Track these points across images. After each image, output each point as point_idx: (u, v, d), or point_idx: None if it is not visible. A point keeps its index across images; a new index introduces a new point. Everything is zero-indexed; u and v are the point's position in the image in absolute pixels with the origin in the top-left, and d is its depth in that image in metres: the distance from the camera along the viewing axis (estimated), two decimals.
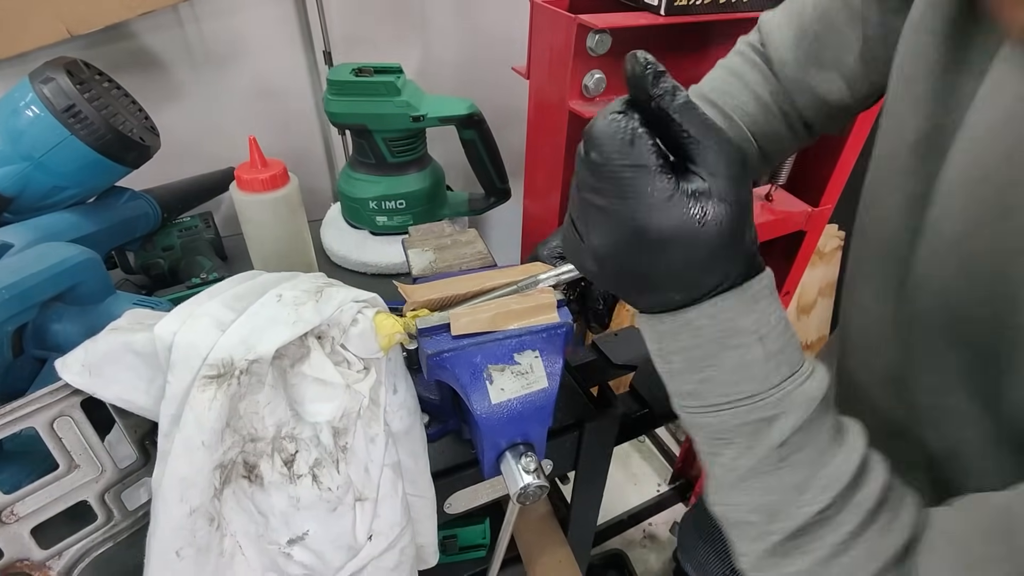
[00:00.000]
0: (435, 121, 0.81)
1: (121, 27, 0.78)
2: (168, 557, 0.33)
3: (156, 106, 0.68)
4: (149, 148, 0.63)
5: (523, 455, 0.42)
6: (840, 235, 1.73)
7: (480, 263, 0.55)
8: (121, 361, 0.36)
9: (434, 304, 0.43)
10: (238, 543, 0.36)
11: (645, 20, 0.65)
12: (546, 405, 0.41)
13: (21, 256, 0.47)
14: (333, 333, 0.38)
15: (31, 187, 0.58)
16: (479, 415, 0.39)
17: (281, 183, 0.67)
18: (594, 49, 0.64)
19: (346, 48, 0.96)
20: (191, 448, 0.32)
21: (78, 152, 0.57)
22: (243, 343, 0.34)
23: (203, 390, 0.33)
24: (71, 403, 0.37)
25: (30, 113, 0.55)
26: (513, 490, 0.41)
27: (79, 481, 0.38)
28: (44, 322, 0.48)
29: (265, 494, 0.36)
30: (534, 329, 0.42)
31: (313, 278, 0.41)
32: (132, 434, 0.40)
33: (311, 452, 0.36)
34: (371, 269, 0.86)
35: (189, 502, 0.33)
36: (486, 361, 0.40)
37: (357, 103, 0.77)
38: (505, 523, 0.50)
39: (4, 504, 0.36)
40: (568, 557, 0.68)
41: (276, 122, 0.98)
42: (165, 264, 0.75)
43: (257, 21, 0.89)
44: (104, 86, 0.61)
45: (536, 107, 0.78)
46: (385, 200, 0.84)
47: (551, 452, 0.59)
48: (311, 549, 0.37)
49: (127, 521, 0.41)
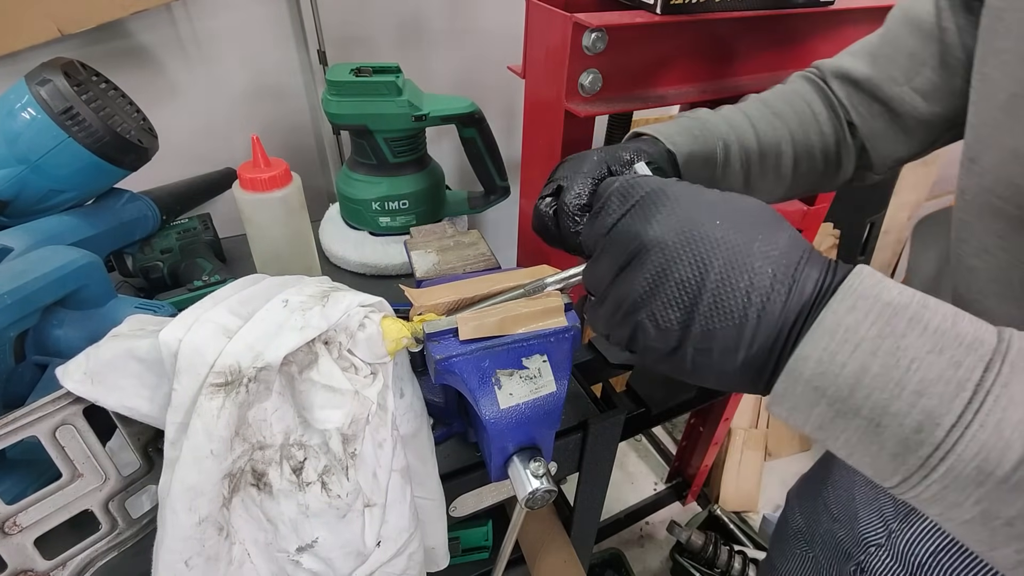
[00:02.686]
0: (437, 120, 0.80)
1: (113, 26, 0.77)
2: (177, 567, 0.33)
3: (150, 106, 0.67)
4: (147, 150, 0.62)
5: (531, 459, 0.42)
6: (835, 234, 1.74)
7: (484, 264, 0.55)
8: (124, 368, 0.35)
9: (441, 308, 0.43)
10: (247, 551, 0.36)
11: (641, 19, 0.64)
12: (554, 409, 0.41)
13: (22, 260, 0.46)
14: (340, 338, 0.38)
15: (28, 190, 0.57)
16: (488, 420, 0.39)
17: (284, 182, 0.66)
18: (590, 48, 0.64)
19: (340, 47, 0.95)
20: (199, 457, 0.32)
21: (76, 155, 0.56)
22: (250, 350, 0.34)
23: (211, 398, 0.32)
24: (73, 411, 0.36)
25: (26, 115, 0.54)
26: (521, 495, 0.41)
27: (83, 490, 0.38)
28: (46, 327, 0.48)
29: (274, 502, 0.35)
30: (542, 333, 0.41)
31: (318, 282, 0.41)
32: (135, 441, 0.40)
33: (320, 459, 0.36)
34: (371, 270, 0.86)
35: (198, 511, 0.32)
36: (494, 366, 0.40)
37: (358, 103, 0.76)
38: (511, 527, 0.50)
39: (7, 515, 0.35)
40: (572, 557, 0.68)
41: (271, 122, 0.97)
42: (164, 267, 0.74)
43: (250, 20, 0.88)
44: (101, 87, 0.60)
45: (532, 106, 0.78)
46: (388, 200, 0.84)
47: (556, 454, 0.59)
48: (320, 556, 0.37)
49: (132, 529, 0.40)
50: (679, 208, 0.30)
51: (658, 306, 0.29)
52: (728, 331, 0.28)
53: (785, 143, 0.53)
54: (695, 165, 0.50)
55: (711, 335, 0.28)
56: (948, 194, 2.09)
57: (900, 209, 1.90)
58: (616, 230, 0.31)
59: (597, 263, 0.33)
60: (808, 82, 0.56)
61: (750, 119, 0.53)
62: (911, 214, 1.96)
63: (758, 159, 0.53)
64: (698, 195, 0.31)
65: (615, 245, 0.31)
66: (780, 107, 0.54)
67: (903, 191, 1.84)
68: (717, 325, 0.28)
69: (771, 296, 0.27)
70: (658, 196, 0.31)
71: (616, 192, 0.33)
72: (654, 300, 0.29)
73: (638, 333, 0.31)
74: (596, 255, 0.33)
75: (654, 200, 0.31)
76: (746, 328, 0.27)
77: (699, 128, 0.51)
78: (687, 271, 0.28)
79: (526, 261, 0.95)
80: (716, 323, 0.28)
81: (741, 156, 0.52)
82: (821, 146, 0.55)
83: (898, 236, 2.01)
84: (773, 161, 0.54)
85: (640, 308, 0.30)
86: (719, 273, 0.28)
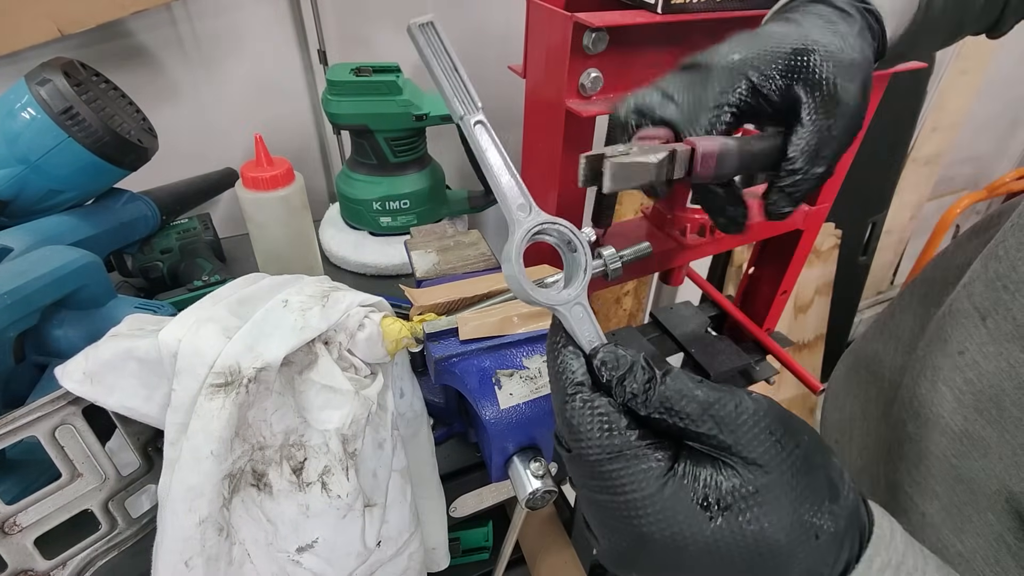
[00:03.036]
0: (437, 120, 0.80)
1: (113, 26, 0.77)
2: (177, 568, 0.32)
3: (150, 106, 0.67)
4: (147, 150, 0.62)
5: (532, 460, 0.41)
6: (837, 234, 1.74)
7: (484, 264, 0.55)
8: (123, 368, 0.35)
9: (441, 308, 0.43)
10: (247, 551, 0.36)
11: (642, 18, 0.64)
12: None
13: (22, 260, 0.46)
14: (340, 338, 0.38)
15: (28, 190, 0.57)
16: (488, 420, 0.39)
17: (286, 181, 0.66)
18: (590, 48, 0.64)
19: (341, 47, 0.95)
20: (199, 458, 0.32)
21: (76, 155, 0.56)
22: (250, 350, 0.34)
23: (211, 399, 0.32)
24: (72, 411, 0.36)
25: (26, 115, 0.54)
26: (522, 495, 0.41)
27: (82, 490, 0.38)
28: (46, 327, 0.47)
29: (274, 502, 0.35)
30: (542, 333, 0.41)
31: (318, 282, 0.41)
32: (135, 441, 0.40)
33: (320, 459, 0.36)
34: (370, 270, 0.86)
35: (198, 512, 0.32)
36: (495, 366, 0.40)
37: (358, 103, 0.76)
38: (511, 527, 0.50)
39: (7, 515, 0.35)
40: (572, 558, 0.68)
41: (271, 122, 0.97)
42: (164, 267, 0.74)
43: (250, 20, 0.88)
44: (101, 87, 0.60)
45: (532, 106, 0.78)
46: (389, 200, 0.84)
47: (556, 454, 0.58)
48: (320, 556, 0.37)
49: (131, 529, 0.40)
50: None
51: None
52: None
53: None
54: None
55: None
56: (950, 194, 2.09)
57: (902, 209, 1.90)
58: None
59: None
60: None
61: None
62: (913, 214, 1.96)
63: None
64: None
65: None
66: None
67: (905, 191, 1.84)
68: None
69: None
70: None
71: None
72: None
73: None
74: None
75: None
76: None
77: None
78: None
79: (526, 261, 0.95)
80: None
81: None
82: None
83: (900, 236, 2.01)
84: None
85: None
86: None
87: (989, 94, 1.79)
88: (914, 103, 1.65)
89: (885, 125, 1.56)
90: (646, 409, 0.23)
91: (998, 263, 0.34)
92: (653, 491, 0.22)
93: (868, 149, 0.95)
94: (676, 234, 0.77)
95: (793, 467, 0.22)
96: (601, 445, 0.23)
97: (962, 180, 2.13)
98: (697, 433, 0.23)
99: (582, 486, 0.25)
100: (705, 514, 0.22)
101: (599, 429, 0.23)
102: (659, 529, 0.22)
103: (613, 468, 0.23)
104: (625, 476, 0.22)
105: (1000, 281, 0.34)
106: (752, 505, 0.22)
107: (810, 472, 0.23)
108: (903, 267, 2.14)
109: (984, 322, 0.34)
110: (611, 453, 0.23)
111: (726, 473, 0.22)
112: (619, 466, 0.23)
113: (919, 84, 1.60)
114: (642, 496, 0.22)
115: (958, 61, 1.63)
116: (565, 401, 0.24)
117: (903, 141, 1.72)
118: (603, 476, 0.23)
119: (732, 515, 0.22)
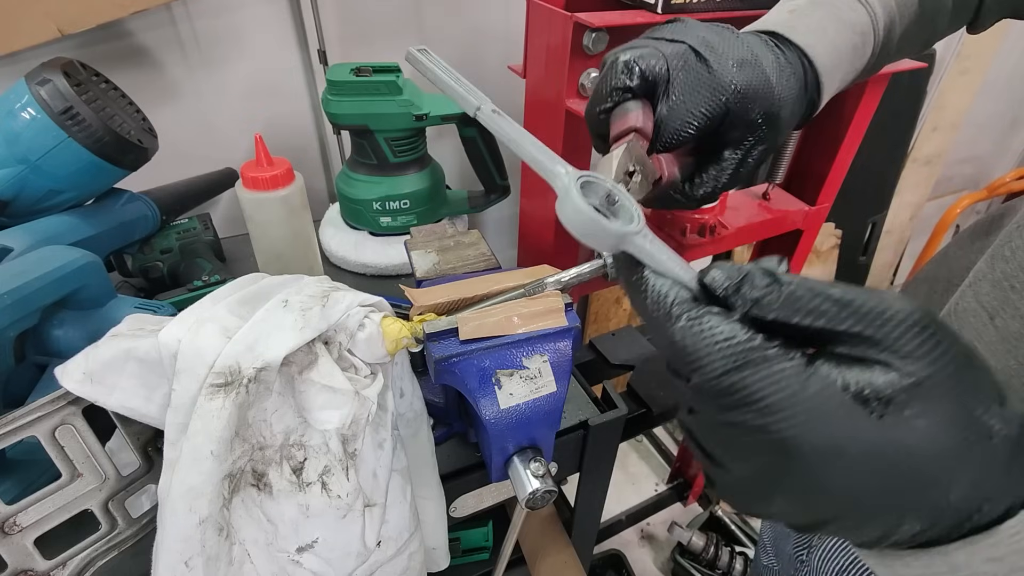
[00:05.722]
0: (437, 120, 0.80)
1: (113, 26, 0.77)
2: (177, 568, 0.32)
3: (150, 106, 0.67)
4: (147, 150, 0.62)
5: (532, 460, 0.41)
6: (837, 234, 1.74)
7: (484, 264, 0.55)
8: (123, 368, 0.35)
9: (441, 308, 0.43)
10: (247, 551, 0.36)
11: (642, 18, 0.64)
12: (555, 410, 0.41)
13: (22, 260, 0.46)
14: (340, 338, 0.38)
15: (28, 190, 0.57)
16: (488, 420, 0.39)
17: (286, 181, 0.66)
18: (590, 48, 0.64)
19: (341, 47, 0.95)
20: (199, 458, 0.32)
21: (76, 155, 0.56)
22: (250, 350, 0.34)
23: (211, 399, 0.32)
24: (72, 411, 0.36)
25: (26, 115, 0.54)
26: (522, 495, 0.41)
27: (82, 490, 0.38)
28: (46, 327, 0.47)
29: (274, 502, 0.35)
30: (542, 333, 0.41)
31: (318, 282, 0.41)
32: (135, 441, 0.40)
33: (320, 459, 0.36)
34: (370, 270, 0.86)
35: (198, 512, 0.32)
36: (495, 366, 0.40)
37: (358, 103, 0.76)
38: (511, 527, 0.50)
39: (7, 515, 0.35)
40: (572, 558, 0.68)
41: (271, 122, 0.97)
42: (164, 267, 0.74)
43: (250, 20, 0.88)
44: (101, 87, 0.60)
45: (532, 106, 0.78)
46: (389, 200, 0.84)
47: (556, 454, 0.59)
48: (320, 556, 0.37)
49: (132, 529, 0.40)
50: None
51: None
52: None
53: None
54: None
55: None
56: (950, 194, 2.09)
57: (902, 209, 1.90)
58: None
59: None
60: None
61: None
62: (913, 214, 1.95)
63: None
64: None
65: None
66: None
67: (905, 191, 1.84)
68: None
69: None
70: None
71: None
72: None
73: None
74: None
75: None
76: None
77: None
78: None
79: (526, 261, 0.95)
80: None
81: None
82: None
83: (900, 236, 2.00)
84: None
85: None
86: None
87: (989, 94, 1.79)
88: (914, 103, 1.65)
89: (885, 125, 1.56)
90: (772, 312, 0.20)
91: (1005, 263, 0.35)
92: (796, 389, 0.19)
93: (868, 149, 0.95)
94: (676, 234, 0.77)
95: (955, 361, 0.19)
96: (725, 355, 0.20)
97: (962, 180, 2.13)
98: (836, 332, 0.20)
99: (707, 413, 0.22)
100: (864, 409, 0.19)
101: (716, 341, 0.21)
102: (808, 431, 0.19)
103: (741, 376, 0.20)
104: (758, 381, 0.20)
105: (1008, 281, 0.34)
106: (917, 397, 0.19)
107: (974, 370, 0.20)
108: (903, 267, 2.14)
109: (992, 321, 0.34)
110: (737, 361, 0.20)
111: (879, 370, 0.19)
112: (748, 372, 0.20)
113: (919, 84, 1.60)
114: (783, 397, 0.19)
115: (958, 61, 1.63)
116: (671, 326, 0.22)
117: (903, 141, 1.72)
118: (731, 389, 0.20)
119: (897, 408, 0.19)
